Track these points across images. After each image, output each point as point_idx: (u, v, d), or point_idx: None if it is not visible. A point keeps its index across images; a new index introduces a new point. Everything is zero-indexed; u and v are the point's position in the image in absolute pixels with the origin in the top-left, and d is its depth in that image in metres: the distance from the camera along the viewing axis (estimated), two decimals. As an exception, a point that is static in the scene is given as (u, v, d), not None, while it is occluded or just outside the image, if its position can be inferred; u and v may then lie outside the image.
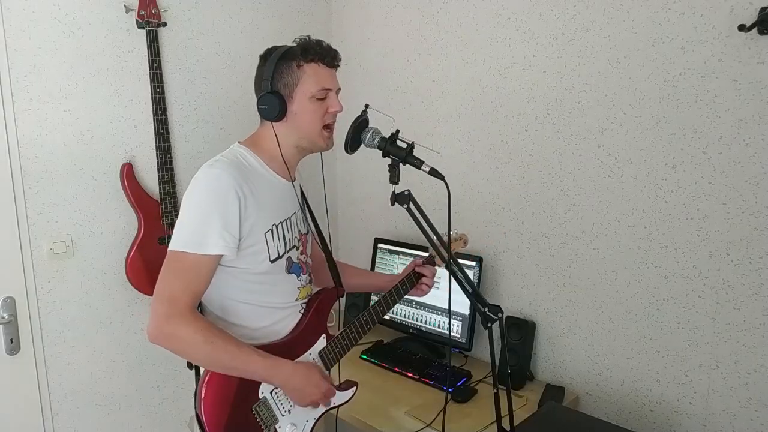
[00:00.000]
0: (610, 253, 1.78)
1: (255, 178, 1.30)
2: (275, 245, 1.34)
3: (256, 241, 1.29)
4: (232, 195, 1.22)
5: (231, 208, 1.22)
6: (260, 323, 1.36)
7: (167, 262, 1.22)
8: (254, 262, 1.30)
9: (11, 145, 1.71)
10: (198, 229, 1.21)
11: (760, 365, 1.52)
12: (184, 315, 1.19)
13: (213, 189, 1.23)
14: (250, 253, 1.29)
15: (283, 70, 1.31)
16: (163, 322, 1.18)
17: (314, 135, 1.35)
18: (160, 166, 1.95)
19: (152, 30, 1.90)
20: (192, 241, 1.20)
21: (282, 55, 1.32)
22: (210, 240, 1.20)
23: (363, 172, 2.53)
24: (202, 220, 1.21)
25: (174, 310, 1.18)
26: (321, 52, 1.33)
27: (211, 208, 1.21)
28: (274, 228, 1.33)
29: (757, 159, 1.47)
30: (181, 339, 1.19)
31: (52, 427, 1.86)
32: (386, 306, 1.54)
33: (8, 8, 1.68)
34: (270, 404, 1.34)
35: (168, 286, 1.20)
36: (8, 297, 1.74)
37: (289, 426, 1.37)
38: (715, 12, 1.49)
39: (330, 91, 1.35)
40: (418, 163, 1.27)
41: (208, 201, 1.22)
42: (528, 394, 1.86)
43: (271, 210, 1.33)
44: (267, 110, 1.31)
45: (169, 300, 1.19)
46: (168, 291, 1.20)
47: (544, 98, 1.87)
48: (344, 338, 1.46)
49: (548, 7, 1.82)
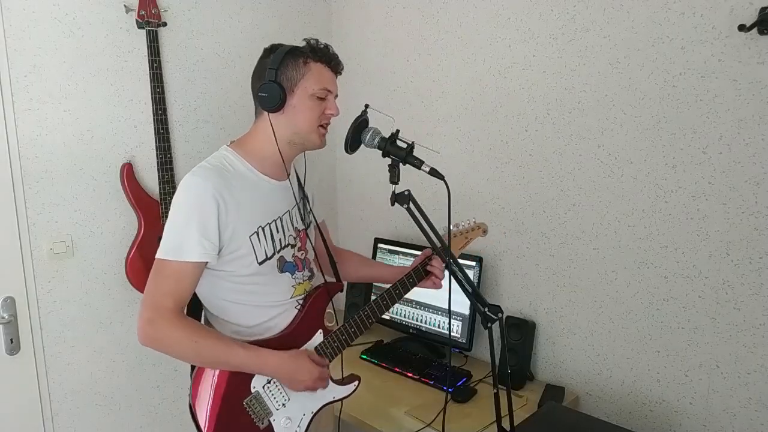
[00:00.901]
0: (610, 253, 1.78)
1: (238, 183, 1.32)
2: (262, 247, 1.34)
3: (240, 245, 1.31)
4: (211, 203, 1.25)
5: (209, 216, 1.25)
6: (254, 321, 1.38)
7: (153, 269, 1.27)
8: (241, 266, 1.32)
9: (11, 145, 1.71)
10: (177, 237, 1.25)
11: (760, 365, 1.52)
12: (167, 318, 1.23)
13: (191, 197, 1.26)
14: (235, 258, 1.31)
15: (289, 64, 1.33)
16: (149, 327, 1.23)
17: (309, 131, 1.37)
18: (160, 166, 1.95)
19: (152, 30, 1.90)
20: (172, 249, 1.24)
21: (290, 50, 1.34)
22: (188, 248, 1.24)
23: (363, 172, 2.53)
24: (181, 229, 1.25)
25: (157, 315, 1.23)
26: (328, 55, 1.37)
27: (190, 216, 1.25)
28: (260, 230, 1.34)
29: (757, 159, 1.47)
30: (167, 341, 1.24)
31: (52, 427, 1.87)
32: (390, 300, 1.49)
33: (8, 8, 1.68)
34: (263, 398, 1.36)
35: (152, 292, 1.25)
36: (8, 297, 1.74)
37: (284, 419, 1.38)
38: (715, 12, 1.49)
39: (330, 93, 1.37)
40: (418, 163, 1.26)
41: (187, 209, 1.26)
42: (528, 394, 1.86)
43: (256, 213, 1.34)
44: (266, 98, 1.32)
45: (153, 305, 1.24)
46: (152, 297, 1.25)
47: (544, 98, 1.87)
48: (343, 333, 1.45)
49: (548, 7, 1.82)
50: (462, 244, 1.62)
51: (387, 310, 1.51)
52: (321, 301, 1.46)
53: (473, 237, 1.65)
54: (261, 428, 1.36)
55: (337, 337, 1.45)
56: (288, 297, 1.42)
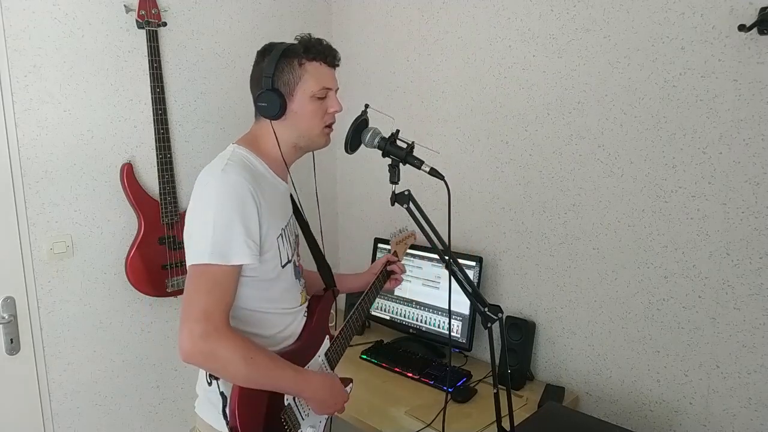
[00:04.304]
0: (610, 253, 1.78)
1: (263, 182, 1.26)
2: (285, 250, 1.30)
3: (271, 246, 1.25)
4: (251, 200, 1.18)
5: (251, 214, 1.18)
6: (273, 330, 1.33)
7: (192, 278, 1.16)
8: (267, 269, 1.26)
9: (11, 145, 1.71)
10: (221, 239, 1.15)
11: (760, 365, 1.52)
12: (221, 331, 1.13)
13: (231, 195, 1.17)
14: (264, 260, 1.24)
15: (284, 68, 1.28)
16: (201, 342, 1.11)
17: (315, 134, 1.34)
18: (160, 166, 1.95)
19: (152, 30, 1.90)
20: (216, 253, 1.14)
21: (283, 53, 1.29)
22: (235, 249, 1.15)
23: (363, 172, 2.53)
24: (224, 230, 1.15)
25: (210, 327, 1.12)
26: (323, 50, 1.31)
27: (233, 215, 1.16)
28: (282, 232, 1.30)
29: (757, 159, 1.47)
30: (221, 357, 1.13)
31: (52, 427, 1.86)
32: (369, 302, 1.62)
33: (8, 8, 1.68)
34: (294, 410, 1.33)
35: (198, 302, 1.13)
36: (8, 297, 1.74)
37: (309, 429, 1.36)
38: (715, 12, 1.49)
39: (330, 90, 1.34)
40: (418, 163, 1.26)
41: (229, 208, 1.16)
42: (528, 394, 1.86)
43: (278, 214, 1.30)
44: (267, 108, 1.28)
45: (204, 317, 1.12)
46: (199, 308, 1.12)
47: (544, 98, 1.87)
48: (343, 337, 1.48)
49: (548, 7, 1.82)
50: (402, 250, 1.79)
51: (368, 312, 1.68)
52: (328, 307, 1.46)
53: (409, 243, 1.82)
54: None
55: (339, 340, 1.46)
56: (299, 304, 1.40)
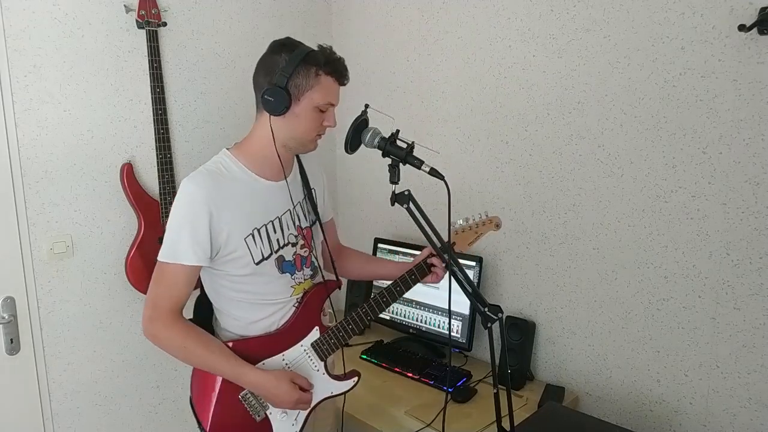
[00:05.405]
0: (610, 253, 1.78)
1: (234, 187, 1.34)
2: (258, 249, 1.37)
3: (236, 247, 1.34)
4: (203, 211, 1.28)
5: (201, 223, 1.28)
6: (254, 317, 1.42)
7: (155, 270, 1.33)
8: (237, 266, 1.36)
9: (11, 145, 1.71)
10: (172, 241, 1.30)
11: (760, 365, 1.52)
12: (163, 319, 1.30)
13: (185, 204, 1.30)
14: (230, 259, 1.35)
15: (301, 71, 1.31)
16: (148, 324, 1.32)
17: (307, 140, 1.39)
18: (160, 166, 1.95)
19: (152, 30, 1.90)
20: (168, 252, 1.30)
21: (305, 57, 1.31)
22: (182, 252, 1.29)
23: (363, 172, 2.53)
24: (175, 234, 1.30)
25: (155, 314, 1.31)
26: (340, 69, 1.37)
27: (183, 222, 1.29)
28: (255, 232, 1.36)
29: (757, 159, 1.47)
30: (161, 340, 1.32)
31: (52, 427, 1.86)
32: (391, 297, 1.45)
33: (8, 8, 1.68)
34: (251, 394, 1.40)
35: (151, 292, 1.33)
36: (8, 297, 1.74)
37: (280, 413, 1.42)
38: (715, 12, 1.49)
39: (333, 106, 1.39)
40: (418, 163, 1.27)
41: (181, 215, 1.30)
42: (528, 394, 1.86)
43: (252, 215, 1.36)
44: (272, 103, 1.31)
45: (152, 305, 1.32)
46: (150, 296, 1.33)
47: (544, 98, 1.87)
48: (340, 330, 1.45)
49: (548, 7, 1.82)
50: (472, 239, 1.54)
51: (386, 308, 1.47)
52: (318, 298, 1.48)
53: (484, 232, 1.55)
54: (257, 421, 1.40)
55: (334, 333, 1.45)
56: (287, 295, 1.44)
